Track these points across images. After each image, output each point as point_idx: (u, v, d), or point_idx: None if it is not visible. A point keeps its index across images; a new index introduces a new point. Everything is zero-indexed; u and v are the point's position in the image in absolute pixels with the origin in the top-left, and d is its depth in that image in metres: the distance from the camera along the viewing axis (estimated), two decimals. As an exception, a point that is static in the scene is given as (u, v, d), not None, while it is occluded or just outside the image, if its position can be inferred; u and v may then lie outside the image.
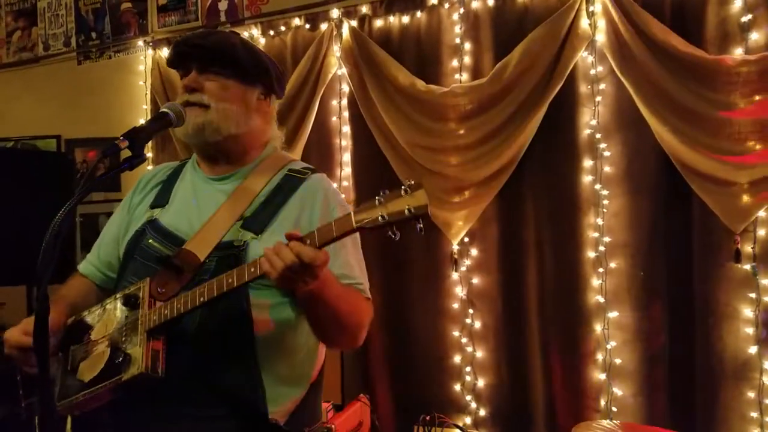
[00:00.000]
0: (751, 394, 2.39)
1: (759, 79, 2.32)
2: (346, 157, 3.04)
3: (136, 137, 1.14)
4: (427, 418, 2.66)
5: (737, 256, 2.40)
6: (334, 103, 3.06)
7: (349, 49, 2.94)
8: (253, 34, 3.20)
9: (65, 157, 3.53)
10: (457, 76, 2.82)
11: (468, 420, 2.79)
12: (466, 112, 2.71)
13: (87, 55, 3.62)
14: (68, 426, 1.23)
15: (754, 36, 2.39)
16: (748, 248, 2.40)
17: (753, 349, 2.38)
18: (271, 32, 3.16)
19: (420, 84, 2.78)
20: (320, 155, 3.07)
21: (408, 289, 2.89)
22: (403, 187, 1.00)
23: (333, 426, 2.39)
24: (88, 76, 3.65)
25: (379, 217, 1.00)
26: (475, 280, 2.82)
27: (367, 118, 2.92)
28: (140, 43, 3.48)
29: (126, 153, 1.13)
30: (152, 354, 1.12)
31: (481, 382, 2.80)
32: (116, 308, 1.21)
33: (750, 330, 2.39)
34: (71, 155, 3.58)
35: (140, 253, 1.27)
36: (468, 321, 2.81)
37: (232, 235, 1.22)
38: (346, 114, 3.04)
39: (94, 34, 3.60)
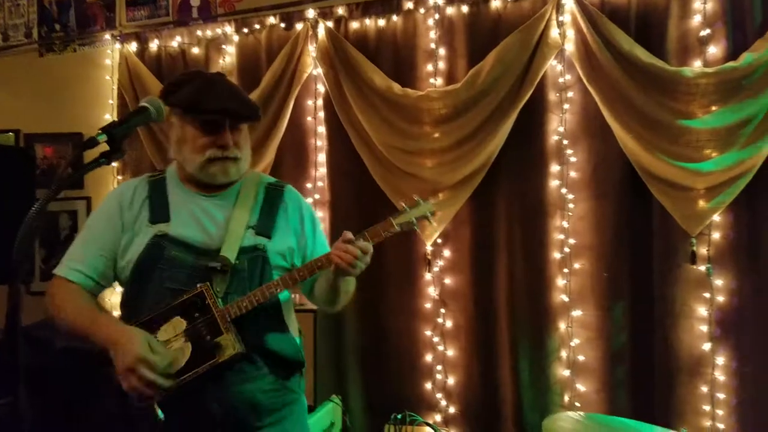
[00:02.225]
0: (704, 389, 2.52)
1: (716, 91, 2.45)
2: (321, 157, 3.05)
3: (116, 131, 1.14)
4: (399, 416, 2.70)
5: (693, 258, 2.54)
6: (310, 103, 3.06)
7: (325, 50, 2.95)
8: (227, 31, 3.17)
9: (26, 153, 3.40)
10: (432, 80, 2.87)
11: (438, 418, 2.84)
12: (441, 116, 2.77)
13: (50, 47, 3.51)
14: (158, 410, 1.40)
15: (712, 50, 2.54)
16: (703, 250, 2.54)
17: (707, 346, 2.52)
18: (245, 30, 3.14)
19: (396, 87, 2.82)
20: (295, 155, 3.07)
21: (382, 290, 2.92)
22: (417, 199, 1.52)
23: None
24: (51, 69, 3.54)
25: (413, 220, 1.50)
26: (448, 281, 2.88)
27: (343, 119, 2.94)
28: (107, 36, 3.39)
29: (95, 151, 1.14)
30: (237, 337, 1.42)
31: (451, 380, 2.86)
32: (180, 313, 1.44)
33: (704, 328, 2.53)
34: (31, 151, 3.46)
35: (165, 263, 1.47)
36: (440, 320, 2.87)
37: (251, 241, 1.51)
38: (321, 114, 3.05)
39: (57, 26, 3.49)
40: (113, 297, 3.37)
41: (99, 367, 2.86)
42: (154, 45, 3.30)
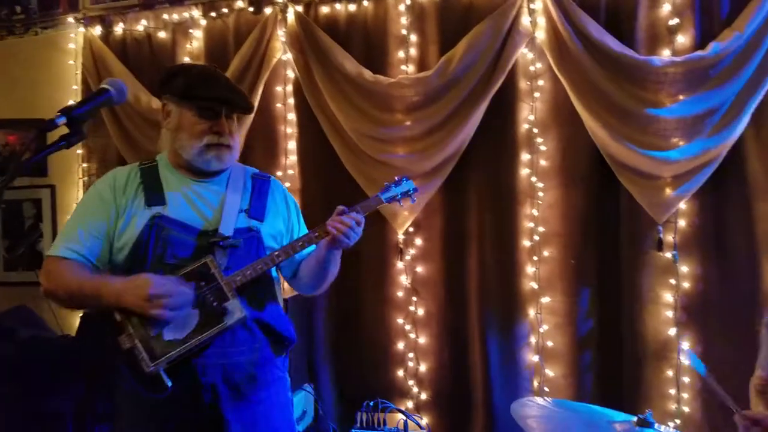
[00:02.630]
0: (670, 373, 2.58)
1: (683, 80, 2.48)
2: (292, 144, 3.01)
3: (75, 113, 1.13)
4: (371, 404, 2.71)
5: (660, 245, 2.58)
6: (279, 89, 3.01)
7: (295, 35, 2.90)
8: (194, 15, 3.10)
9: (-15, 139, 3.30)
10: (403, 67, 2.85)
11: (410, 404, 2.87)
12: (413, 103, 2.75)
13: (11, 30, 3.38)
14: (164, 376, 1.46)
15: (681, 39, 2.55)
16: (669, 238, 2.58)
17: (672, 331, 2.57)
18: (213, 14, 3.07)
19: (367, 74, 2.79)
20: (264, 142, 3.03)
21: (354, 279, 2.91)
22: (400, 178, 1.75)
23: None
24: (12, 53, 3.41)
25: (398, 195, 1.72)
26: (420, 269, 2.88)
27: (314, 106, 2.90)
28: (70, 19, 3.29)
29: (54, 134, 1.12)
30: (241, 304, 1.50)
31: (423, 367, 2.88)
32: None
33: (670, 313, 2.58)
34: (-8, 137, 3.36)
35: (165, 242, 1.53)
36: (412, 308, 2.88)
37: (245, 223, 1.61)
38: (291, 101, 3.00)
39: (18, 9, 3.36)
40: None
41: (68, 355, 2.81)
42: (119, 28, 3.21)
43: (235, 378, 1.54)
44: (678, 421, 2.55)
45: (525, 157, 2.75)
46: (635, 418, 1.82)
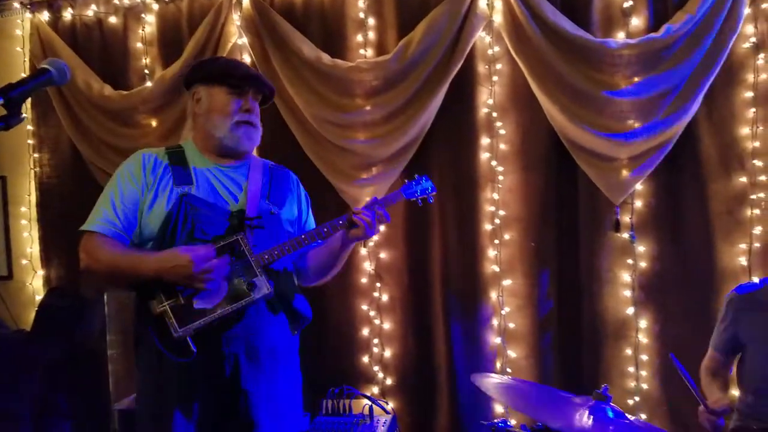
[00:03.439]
0: (629, 351, 2.63)
1: (638, 62, 2.50)
2: (250, 132, 2.96)
3: (13, 95, 1.09)
4: (336, 390, 2.71)
5: (617, 226, 2.62)
6: (235, 75, 2.95)
7: (250, 19, 2.84)
8: (146, 0, 3.01)
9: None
10: (362, 51, 2.82)
11: (376, 389, 2.88)
12: (372, 88, 2.72)
13: (-48, 16, 3.25)
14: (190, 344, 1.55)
15: (635, 21, 2.57)
16: (626, 218, 2.62)
17: (630, 310, 2.62)
18: (165, -1, 3.00)
19: (326, 58, 2.75)
20: (222, 130, 2.96)
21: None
22: (418, 177, 1.83)
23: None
24: (-46, 40, 3.28)
25: (418, 192, 1.80)
26: (383, 255, 2.88)
27: (272, 92, 2.85)
28: (16, 5, 3.16)
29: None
30: (268, 281, 1.60)
31: (387, 353, 2.89)
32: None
33: (628, 293, 2.63)
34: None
35: (194, 218, 1.61)
36: (376, 294, 2.88)
37: (266, 207, 1.71)
38: (248, 87, 2.95)
39: (-41, -7, 3.24)
40: (35, 280, 3.24)
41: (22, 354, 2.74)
42: (67, 14, 3.10)
43: (257, 351, 1.62)
44: (637, 398, 2.61)
45: (485, 141, 2.76)
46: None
